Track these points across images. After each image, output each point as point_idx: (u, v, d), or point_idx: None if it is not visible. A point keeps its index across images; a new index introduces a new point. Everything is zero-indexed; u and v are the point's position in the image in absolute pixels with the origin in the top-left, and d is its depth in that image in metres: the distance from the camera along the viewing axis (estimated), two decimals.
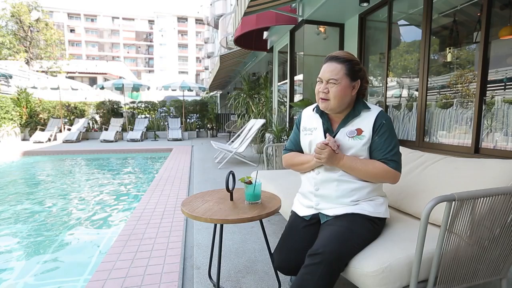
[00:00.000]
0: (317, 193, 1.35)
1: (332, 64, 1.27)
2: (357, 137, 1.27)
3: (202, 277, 1.76)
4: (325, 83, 1.27)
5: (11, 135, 10.52)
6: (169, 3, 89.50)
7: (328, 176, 1.31)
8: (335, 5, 3.83)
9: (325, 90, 1.27)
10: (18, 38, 18.13)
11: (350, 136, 1.29)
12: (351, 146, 1.28)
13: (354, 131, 1.28)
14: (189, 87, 11.85)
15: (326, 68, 1.28)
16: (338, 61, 1.26)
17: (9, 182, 5.03)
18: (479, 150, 2.45)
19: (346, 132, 1.30)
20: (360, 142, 1.27)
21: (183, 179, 4.42)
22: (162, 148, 8.64)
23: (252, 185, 1.43)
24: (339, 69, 1.25)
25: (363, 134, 1.27)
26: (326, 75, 1.26)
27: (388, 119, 1.29)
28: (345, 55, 1.28)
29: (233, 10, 10.63)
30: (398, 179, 1.27)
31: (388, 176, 1.25)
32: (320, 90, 1.29)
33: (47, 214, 3.43)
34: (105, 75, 26.52)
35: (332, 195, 1.31)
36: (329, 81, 1.26)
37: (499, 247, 1.17)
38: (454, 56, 2.86)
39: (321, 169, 1.34)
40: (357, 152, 1.28)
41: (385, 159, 1.25)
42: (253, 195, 1.45)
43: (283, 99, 6.31)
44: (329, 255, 1.11)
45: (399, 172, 1.26)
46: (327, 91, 1.26)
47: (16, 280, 2.06)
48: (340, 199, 1.29)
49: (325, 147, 1.24)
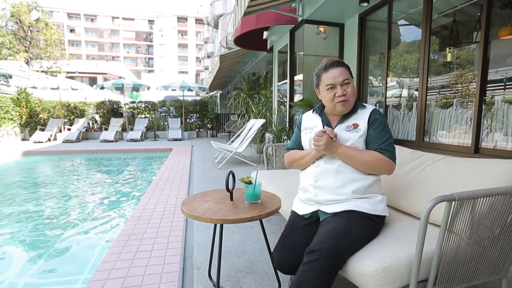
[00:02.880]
0: (316, 184, 1.38)
1: (338, 68, 1.37)
2: (353, 130, 1.37)
3: (202, 277, 1.76)
4: (340, 87, 1.35)
5: (11, 135, 10.52)
6: (169, 3, 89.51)
7: (327, 167, 1.37)
8: (335, 5, 3.83)
9: (344, 93, 1.35)
10: (18, 38, 18.13)
11: (347, 130, 1.38)
12: (348, 138, 1.36)
13: (351, 125, 1.38)
14: (189, 87, 11.85)
15: (336, 73, 1.36)
16: (341, 64, 1.38)
17: (9, 182, 5.03)
18: (479, 150, 2.45)
19: (343, 127, 1.39)
20: (356, 134, 1.35)
21: (183, 179, 4.42)
22: (162, 148, 8.64)
23: (252, 185, 1.43)
24: (346, 71, 1.37)
25: (359, 127, 1.36)
26: (340, 78, 1.35)
27: (382, 115, 1.39)
28: (340, 59, 1.46)
29: (233, 10, 10.63)
30: (393, 169, 1.34)
31: (384, 165, 1.31)
32: (338, 94, 1.36)
33: (46, 214, 3.43)
34: (105, 75, 26.51)
35: (330, 185, 1.34)
36: (344, 83, 1.35)
37: (499, 247, 1.17)
38: (454, 56, 2.86)
39: (321, 162, 1.40)
40: (353, 144, 1.35)
41: (380, 149, 1.32)
42: (253, 195, 1.46)
43: (283, 99, 6.31)
44: (327, 252, 1.11)
45: (393, 162, 1.33)
46: (345, 93, 1.35)
47: (16, 279, 2.06)
48: (339, 189, 1.32)
49: (323, 135, 1.32)
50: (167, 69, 52.64)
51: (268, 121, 6.31)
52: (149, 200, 3.31)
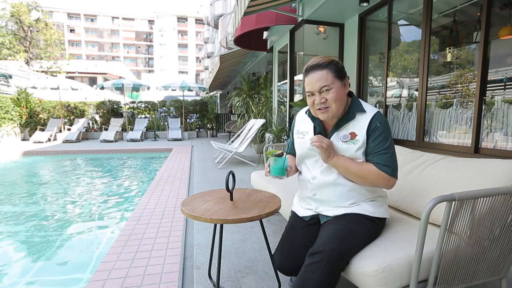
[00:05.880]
0: (315, 197, 1.36)
1: (316, 73, 1.21)
2: (350, 141, 1.24)
3: (202, 277, 1.76)
4: (318, 94, 1.22)
5: (11, 135, 10.52)
6: (169, 3, 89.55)
7: (323, 181, 1.31)
8: (335, 5, 3.83)
9: (323, 100, 1.21)
10: (18, 38, 18.13)
11: (344, 140, 1.25)
12: (344, 150, 1.25)
13: (348, 135, 1.25)
14: (189, 87, 11.85)
15: (312, 79, 1.22)
16: (320, 67, 1.21)
17: (9, 182, 5.03)
18: (479, 150, 2.45)
19: (340, 137, 1.27)
20: (353, 146, 1.23)
21: (183, 179, 4.42)
22: (162, 148, 8.64)
23: (282, 158, 1.34)
24: (326, 74, 1.20)
25: (357, 138, 1.23)
26: (316, 85, 1.21)
27: (383, 121, 1.23)
28: (321, 60, 1.23)
29: (233, 10, 10.63)
30: (393, 184, 1.22)
31: (381, 181, 1.20)
32: (316, 102, 1.23)
33: (46, 214, 3.43)
34: (105, 75, 26.52)
35: (330, 199, 1.31)
36: (322, 90, 1.21)
37: (499, 247, 1.17)
38: (454, 56, 2.86)
39: (317, 174, 1.33)
40: (351, 157, 1.25)
41: (377, 164, 1.20)
42: (282, 168, 1.36)
43: (283, 99, 6.31)
44: (330, 254, 1.11)
45: (393, 177, 1.20)
46: (325, 100, 1.21)
47: (16, 280, 2.06)
48: (339, 202, 1.30)
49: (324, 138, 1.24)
50: (167, 69, 52.64)
51: (268, 121, 6.32)
52: (149, 200, 3.31)
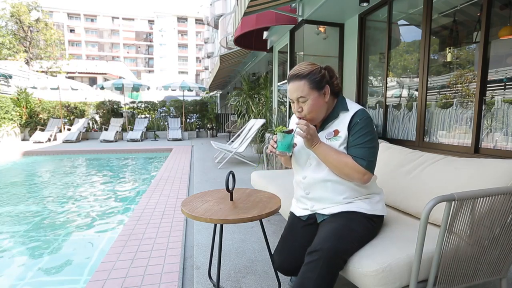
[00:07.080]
0: (308, 196, 1.37)
1: (294, 83, 1.27)
2: (333, 138, 1.29)
3: (202, 277, 1.76)
4: (297, 103, 1.29)
5: (11, 135, 10.52)
6: (169, 3, 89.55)
7: (314, 178, 1.33)
8: (335, 5, 3.83)
9: (299, 109, 1.29)
10: (18, 38, 18.13)
11: (328, 138, 1.31)
12: None
13: (332, 132, 1.31)
14: (189, 87, 11.85)
15: (291, 88, 1.29)
16: (299, 78, 1.26)
17: (9, 182, 5.03)
18: (479, 150, 2.45)
19: (325, 135, 1.32)
20: (336, 143, 1.28)
21: (183, 179, 4.42)
22: (162, 148, 8.64)
23: (291, 134, 1.33)
24: (302, 86, 1.25)
25: (340, 135, 1.28)
26: (294, 95, 1.28)
27: (364, 117, 1.26)
28: (302, 69, 1.27)
29: (233, 10, 10.64)
30: (368, 179, 1.23)
31: (356, 174, 1.22)
32: (294, 110, 1.32)
33: (46, 214, 3.43)
34: (105, 75, 26.53)
35: (322, 196, 1.33)
36: (299, 100, 1.27)
37: (499, 247, 1.17)
38: (454, 56, 2.86)
39: (308, 173, 1.36)
40: None
41: (354, 157, 1.23)
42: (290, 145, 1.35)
43: (283, 99, 6.31)
44: (327, 252, 1.11)
45: (368, 171, 1.22)
46: (301, 110, 1.28)
47: (16, 280, 2.06)
48: (332, 198, 1.31)
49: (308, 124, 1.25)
50: (167, 69, 52.65)
51: (268, 121, 6.32)
52: (149, 200, 3.31)
